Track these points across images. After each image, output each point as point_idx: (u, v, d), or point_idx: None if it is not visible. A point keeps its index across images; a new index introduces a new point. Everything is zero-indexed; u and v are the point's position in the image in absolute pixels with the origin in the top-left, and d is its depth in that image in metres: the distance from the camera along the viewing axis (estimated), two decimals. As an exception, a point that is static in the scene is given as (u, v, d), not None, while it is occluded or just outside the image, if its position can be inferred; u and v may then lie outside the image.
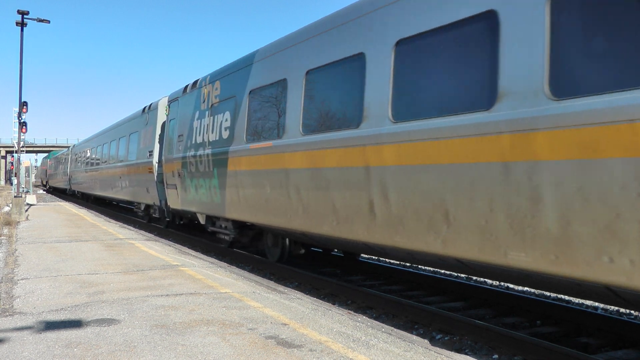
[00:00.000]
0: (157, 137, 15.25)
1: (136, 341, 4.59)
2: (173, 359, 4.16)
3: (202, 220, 11.70)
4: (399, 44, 5.84)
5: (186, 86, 12.68)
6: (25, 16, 20.93)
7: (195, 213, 11.93)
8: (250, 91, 9.12)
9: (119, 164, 19.78)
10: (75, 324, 5.13)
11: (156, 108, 15.68)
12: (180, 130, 12.50)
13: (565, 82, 4.14)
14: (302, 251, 9.72)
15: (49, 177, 49.95)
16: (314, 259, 11.26)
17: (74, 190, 33.88)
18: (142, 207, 17.66)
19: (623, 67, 3.78)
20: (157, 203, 15.14)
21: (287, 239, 9.44)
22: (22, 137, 22.50)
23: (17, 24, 20.91)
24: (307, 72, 7.47)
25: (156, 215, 15.95)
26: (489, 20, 4.81)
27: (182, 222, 14.95)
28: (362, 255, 11.19)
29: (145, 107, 17.04)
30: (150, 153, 15.58)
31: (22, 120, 21.36)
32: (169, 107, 13.79)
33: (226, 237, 10.69)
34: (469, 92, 4.98)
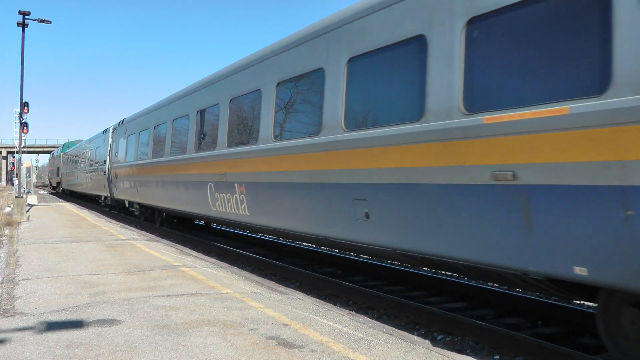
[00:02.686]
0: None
1: (137, 342, 4.59)
2: (174, 359, 4.16)
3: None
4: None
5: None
6: (26, 17, 20.96)
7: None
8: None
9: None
10: (77, 324, 5.13)
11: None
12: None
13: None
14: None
15: (62, 177, 43.25)
16: (312, 259, 11.26)
17: (131, 203, 19.20)
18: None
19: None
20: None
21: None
22: (23, 138, 22.53)
23: (18, 24, 20.95)
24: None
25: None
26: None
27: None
28: (361, 255, 11.16)
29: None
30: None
31: (23, 121, 21.37)
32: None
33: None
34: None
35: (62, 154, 44.36)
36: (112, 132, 21.26)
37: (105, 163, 22.17)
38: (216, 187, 10.29)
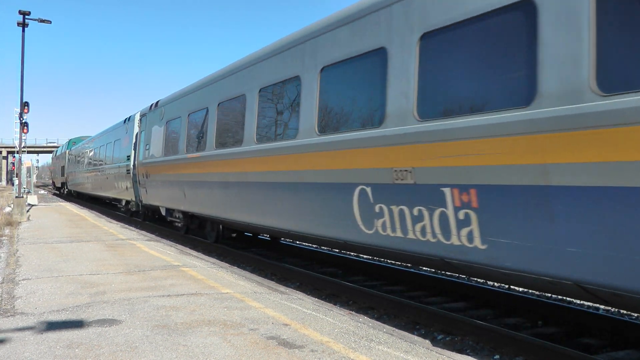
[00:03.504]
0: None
1: (137, 341, 4.59)
2: (174, 359, 4.16)
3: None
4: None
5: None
6: (26, 17, 20.95)
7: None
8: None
9: None
10: (77, 324, 5.13)
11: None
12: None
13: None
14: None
15: (68, 177, 38.61)
16: (312, 259, 11.26)
17: (169, 210, 15.01)
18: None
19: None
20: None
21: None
22: (23, 138, 22.52)
23: (18, 24, 20.94)
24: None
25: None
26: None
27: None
28: (361, 255, 11.18)
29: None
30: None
31: (23, 121, 21.38)
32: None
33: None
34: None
35: (67, 151, 39.80)
36: (140, 119, 16.59)
37: (128, 159, 18.19)
38: (380, 194, 6.09)
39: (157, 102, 14.75)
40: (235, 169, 9.54)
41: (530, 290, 8.21)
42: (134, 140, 17.78)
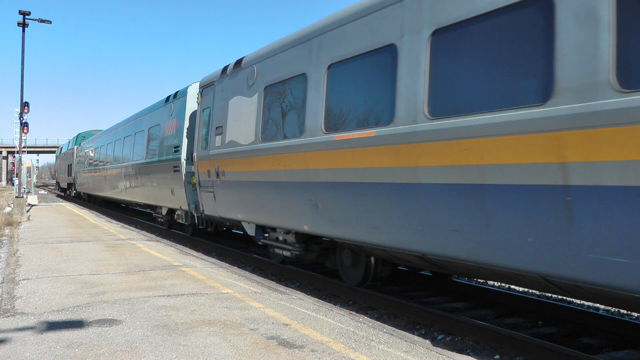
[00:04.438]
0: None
1: (138, 341, 4.59)
2: (174, 359, 4.16)
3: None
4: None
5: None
6: (26, 17, 20.96)
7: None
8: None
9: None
10: (77, 324, 5.13)
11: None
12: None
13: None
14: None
15: (77, 178, 33.09)
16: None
17: (259, 228, 10.25)
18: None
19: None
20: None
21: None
22: (23, 138, 22.54)
23: (18, 24, 20.94)
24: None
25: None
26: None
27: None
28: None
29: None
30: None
31: (23, 121, 21.39)
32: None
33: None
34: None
35: (75, 147, 34.20)
36: (201, 92, 11.53)
37: (176, 152, 13.19)
38: None
39: (240, 61, 9.79)
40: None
41: (530, 290, 8.21)
42: (185, 124, 12.84)
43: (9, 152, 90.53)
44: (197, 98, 11.81)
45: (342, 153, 6.64)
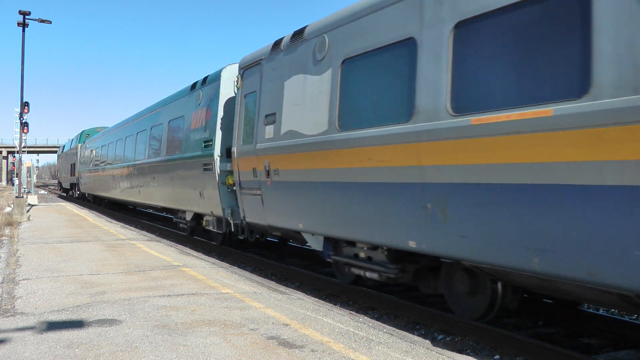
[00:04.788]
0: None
1: (138, 341, 4.59)
2: (175, 359, 4.16)
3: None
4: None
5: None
6: (26, 17, 20.96)
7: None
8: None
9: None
10: (77, 324, 5.13)
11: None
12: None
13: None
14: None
15: (81, 178, 30.58)
16: (312, 260, 11.26)
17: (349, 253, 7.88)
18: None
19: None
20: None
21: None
22: (23, 138, 22.54)
23: (18, 24, 20.94)
24: None
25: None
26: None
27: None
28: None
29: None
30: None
31: (23, 121, 21.39)
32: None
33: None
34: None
35: (79, 145, 32.08)
36: (241, 75, 9.76)
37: (207, 147, 11.09)
38: None
39: (302, 31, 7.92)
40: None
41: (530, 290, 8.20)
42: (219, 114, 10.79)
43: (9, 152, 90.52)
44: (236, 82, 9.89)
45: (486, 143, 4.79)
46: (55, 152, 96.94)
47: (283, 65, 8.31)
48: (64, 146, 42.81)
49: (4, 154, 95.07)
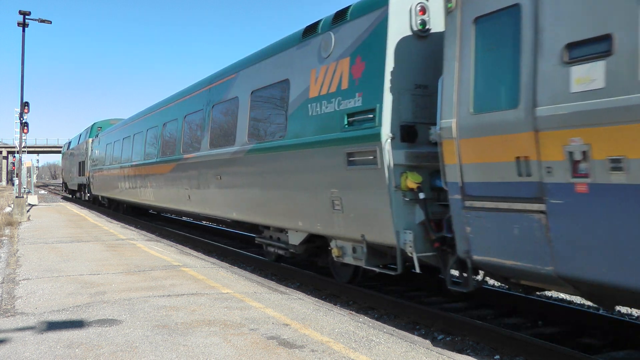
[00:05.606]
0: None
1: (138, 341, 4.60)
2: (175, 359, 4.16)
3: None
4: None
5: None
6: (26, 17, 20.96)
7: None
8: None
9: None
10: (77, 324, 5.13)
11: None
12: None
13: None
14: None
15: (93, 178, 25.35)
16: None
17: None
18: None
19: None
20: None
21: None
22: (23, 138, 22.55)
23: (18, 24, 20.94)
24: None
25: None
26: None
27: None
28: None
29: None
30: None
31: (23, 121, 21.40)
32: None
33: None
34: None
35: (90, 139, 26.93)
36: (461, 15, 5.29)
37: (362, 123, 6.57)
38: None
39: None
40: None
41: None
42: (387, 66, 6.38)
43: (9, 152, 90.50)
44: (453, 2, 5.43)
45: None
46: (55, 152, 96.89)
47: None
48: (69, 142, 37.33)
49: (4, 154, 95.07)
